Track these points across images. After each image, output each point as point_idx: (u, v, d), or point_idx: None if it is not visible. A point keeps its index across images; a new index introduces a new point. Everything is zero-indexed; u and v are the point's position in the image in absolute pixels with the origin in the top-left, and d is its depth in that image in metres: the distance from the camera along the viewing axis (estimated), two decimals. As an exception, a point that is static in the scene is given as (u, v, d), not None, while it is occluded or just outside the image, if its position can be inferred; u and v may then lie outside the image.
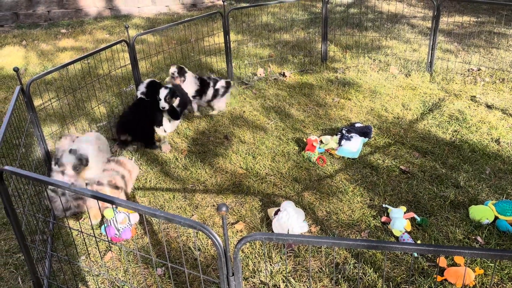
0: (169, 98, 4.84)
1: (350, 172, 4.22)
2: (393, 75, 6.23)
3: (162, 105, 4.82)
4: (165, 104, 4.82)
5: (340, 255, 3.24)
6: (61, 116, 5.33)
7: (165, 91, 4.84)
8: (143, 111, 4.85)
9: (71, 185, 2.36)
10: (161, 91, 4.84)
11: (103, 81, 6.31)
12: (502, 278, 2.97)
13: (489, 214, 3.46)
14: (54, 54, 7.90)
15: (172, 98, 4.88)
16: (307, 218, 3.65)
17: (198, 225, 1.96)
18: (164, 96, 4.82)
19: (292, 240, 1.91)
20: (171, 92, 4.86)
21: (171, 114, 4.97)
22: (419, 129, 4.88)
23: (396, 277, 3.03)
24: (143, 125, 4.80)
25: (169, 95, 4.83)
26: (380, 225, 3.55)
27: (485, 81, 5.90)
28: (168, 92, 4.84)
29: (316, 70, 6.58)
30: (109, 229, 3.46)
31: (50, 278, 3.12)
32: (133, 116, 4.79)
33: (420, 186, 3.94)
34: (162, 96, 4.82)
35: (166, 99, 4.82)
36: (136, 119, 4.77)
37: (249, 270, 3.15)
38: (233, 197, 3.99)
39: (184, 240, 3.50)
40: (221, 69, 6.61)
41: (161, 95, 4.82)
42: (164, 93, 4.83)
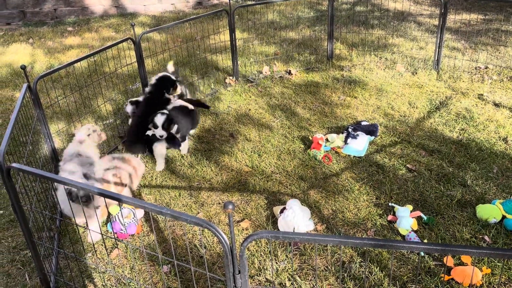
0: (167, 125, 4.31)
1: (356, 171, 4.21)
2: (400, 73, 6.20)
3: (159, 134, 4.30)
4: (162, 132, 4.29)
5: (346, 254, 3.23)
6: (67, 114, 5.35)
7: (162, 118, 4.29)
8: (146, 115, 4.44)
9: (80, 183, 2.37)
10: (157, 118, 4.29)
11: (109, 79, 6.33)
12: (509, 278, 2.95)
13: (496, 213, 3.44)
14: (61, 52, 7.93)
15: (170, 125, 4.35)
16: (313, 216, 3.64)
17: (204, 223, 1.96)
18: (161, 124, 4.28)
19: (298, 238, 1.91)
20: (168, 119, 4.33)
21: (170, 142, 4.44)
22: (426, 127, 4.86)
23: (402, 276, 3.02)
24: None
25: (166, 122, 4.29)
26: (386, 223, 3.53)
27: (493, 79, 5.85)
28: (165, 119, 4.29)
29: (322, 68, 6.56)
30: (114, 224, 3.48)
31: (57, 275, 3.14)
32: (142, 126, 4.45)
33: (427, 185, 3.92)
34: (159, 123, 4.27)
35: (164, 127, 4.29)
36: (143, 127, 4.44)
37: (254, 268, 3.15)
38: (238, 195, 3.99)
39: (190, 237, 3.51)
40: (227, 67, 6.60)
41: (157, 122, 4.28)
42: (161, 120, 4.28)
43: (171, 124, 4.35)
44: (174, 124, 4.40)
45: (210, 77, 6.43)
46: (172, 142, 4.44)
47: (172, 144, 4.46)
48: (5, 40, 8.71)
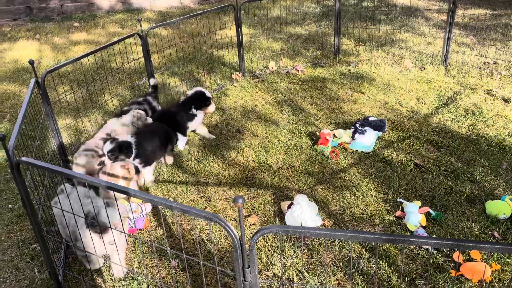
0: (114, 156, 3.91)
1: (364, 166, 4.19)
2: (407, 69, 6.15)
3: (106, 162, 3.90)
4: (108, 161, 3.88)
5: (354, 249, 3.22)
6: (75, 109, 5.37)
7: (109, 146, 3.89)
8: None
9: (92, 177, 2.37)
10: (105, 146, 3.92)
11: (116, 74, 6.34)
12: (519, 274, 2.93)
13: (506, 209, 3.41)
14: (67, 47, 7.95)
15: (119, 155, 3.92)
16: (320, 212, 3.63)
17: (214, 217, 1.96)
18: (107, 151, 3.89)
19: (308, 233, 1.90)
20: (118, 147, 3.90)
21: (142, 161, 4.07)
22: (434, 123, 4.82)
23: (411, 272, 3.00)
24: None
25: (113, 152, 3.89)
26: (395, 219, 3.52)
27: (502, 75, 5.79)
28: (113, 147, 3.88)
29: (328, 64, 6.52)
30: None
31: (66, 269, 3.15)
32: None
33: (435, 181, 3.90)
34: (105, 150, 3.90)
35: (109, 156, 3.90)
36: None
37: (262, 263, 3.14)
38: (245, 190, 3.98)
39: (198, 232, 3.51)
40: (233, 62, 6.58)
41: (104, 149, 3.91)
42: (108, 147, 3.89)
43: (121, 153, 3.92)
44: (126, 153, 3.94)
45: (217, 73, 6.42)
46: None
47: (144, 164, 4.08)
48: (12, 36, 8.74)
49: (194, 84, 6.05)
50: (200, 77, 6.26)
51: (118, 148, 3.90)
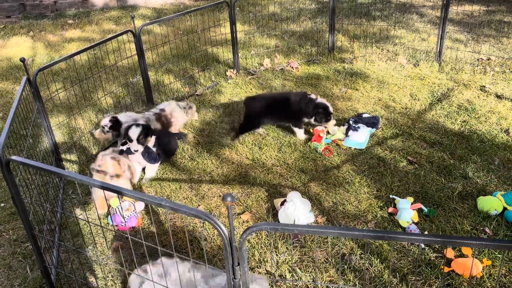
0: (143, 138, 4.00)
1: (357, 163, 4.20)
2: (401, 65, 6.16)
3: (134, 148, 3.96)
4: (137, 146, 3.96)
5: (346, 246, 3.23)
6: (68, 107, 5.35)
7: (137, 130, 3.97)
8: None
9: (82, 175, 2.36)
10: (132, 131, 3.96)
11: (110, 71, 6.31)
12: (510, 269, 2.95)
13: (497, 205, 3.43)
14: (61, 44, 7.91)
15: (146, 138, 4.03)
16: (313, 208, 3.64)
17: (204, 215, 1.96)
18: (136, 137, 3.95)
19: (297, 230, 1.90)
20: (144, 131, 4.01)
21: (145, 155, 4.06)
22: (427, 119, 4.83)
23: (402, 268, 3.01)
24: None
25: (142, 135, 3.98)
26: (387, 216, 3.53)
27: (495, 71, 5.81)
28: (140, 131, 3.98)
29: (323, 61, 6.52)
30: (114, 217, 3.49)
31: (58, 267, 3.15)
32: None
33: (428, 177, 3.91)
34: (133, 136, 3.94)
35: (139, 140, 3.97)
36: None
37: (255, 260, 3.15)
38: (239, 187, 3.98)
39: (191, 230, 3.52)
40: (228, 59, 6.57)
41: (132, 135, 3.95)
42: (136, 132, 3.96)
43: (147, 137, 4.03)
44: (151, 137, 4.08)
45: (211, 70, 6.41)
46: (148, 155, 4.07)
47: (147, 158, 4.07)
48: (6, 33, 8.69)
49: (188, 81, 6.03)
50: (195, 74, 6.24)
51: (145, 133, 3.99)
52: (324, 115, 4.56)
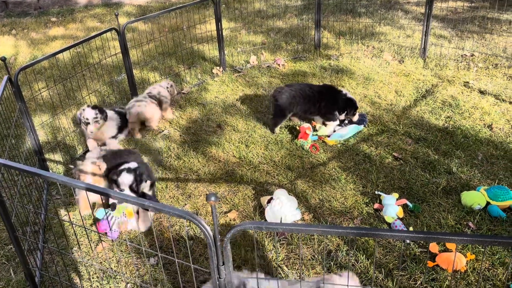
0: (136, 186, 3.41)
1: (343, 160, 4.22)
2: (387, 62, 6.20)
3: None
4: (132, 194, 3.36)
5: (333, 242, 3.25)
6: (51, 106, 5.27)
7: (130, 178, 3.38)
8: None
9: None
10: (122, 177, 3.38)
11: (94, 70, 6.24)
12: (493, 263, 2.99)
13: (480, 199, 3.48)
14: (44, 43, 7.79)
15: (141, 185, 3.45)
16: (300, 206, 3.65)
17: (187, 215, 1.95)
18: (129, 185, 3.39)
19: (281, 228, 1.90)
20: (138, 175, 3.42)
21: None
22: (412, 115, 4.87)
23: (388, 263, 3.04)
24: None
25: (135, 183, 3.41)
26: (373, 212, 3.55)
27: (478, 67, 5.88)
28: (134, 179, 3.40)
29: (309, 57, 6.53)
30: (103, 222, 3.41)
31: (42, 270, 3.11)
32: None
33: (413, 173, 3.95)
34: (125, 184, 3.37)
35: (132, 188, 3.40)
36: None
37: (241, 259, 3.15)
38: (226, 186, 3.97)
39: (177, 229, 3.50)
40: (214, 57, 6.54)
41: (123, 183, 3.37)
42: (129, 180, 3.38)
43: (142, 183, 3.46)
44: (146, 182, 3.50)
45: (197, 67, 6.37)
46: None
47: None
48: (-13, 31, 8.53)
49: (174, 79, 5.99)
50: (181, 72, 6.20)
51: (139, 178, 3.43)
52: (354, 109, 4.62)
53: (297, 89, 4.68)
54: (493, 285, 2.84)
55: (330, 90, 4.68)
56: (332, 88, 4.72)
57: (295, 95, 4.62)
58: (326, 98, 4.61)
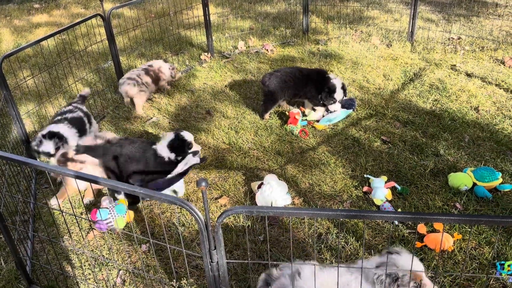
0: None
1: (332, 144, 4.25)
2: (375, 46, 6.20)
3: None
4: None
5: (323, 226, 3.29)
6: (37, 95, 5.19)
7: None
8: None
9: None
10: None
11: (80, 57, 6.14)
12: (479, 243, 3.06)
13: (467, 180, 3.54)
14: (28, 30, 7.63)
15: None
16: (290, 190, 3.67)
17: (178, 201, 1.95)
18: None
19: (272, 212, 1.92)
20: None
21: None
22: (400, 99, 4.91)
23: (377, 245, 3.09)
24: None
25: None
26: (362, 195, 3.60)
27: (465, 50, 5.92)
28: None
29: (298, 43, 6.50)
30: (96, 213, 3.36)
31: (33, 259, 3.10)
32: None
33: (401, 156, 3.99)
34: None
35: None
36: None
37: (232, 243, 3.17)
38: (216, 172, 3.98)
39: (169, 216, 3.50)
40: (201, 42, 6.48)
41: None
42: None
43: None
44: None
45: (185, 54, 6.31)
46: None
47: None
48: (-32, 19, 8.32)
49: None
50: (168, 59, 6.13)
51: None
52: (328, 96, 4.51)
53: (287, 73, 4.67)
54: (479, 264, 2.91)
55: (317, 74, 4.67)
56: (320, 72, 4.71)
57: (285, 79, 4.61)
58: (313, 82, 4.60)
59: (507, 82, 5.08)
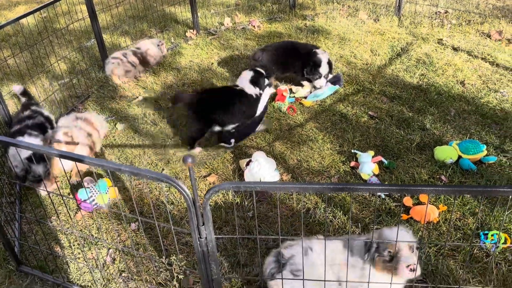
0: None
1: (320, 120, 4.25)
2: (362, 21, 6.15)
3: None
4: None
5: (311, 201, 3.32)
6: (19, 75, 5.07)
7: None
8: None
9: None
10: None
11: (61, 35, 5.98)
12: (464, 214, 3.13)
13: (453, 153, 3.58)
14: (7, 8, 7.40)
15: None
16: (278, 167, 3.68)
17: (164, 178, 1.94)
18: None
19: (260, 187, 1.92)
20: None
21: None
22: (387, 74, 4.90)
23: (364, 218, 3.14)
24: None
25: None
26: (349, 170, 3.63)
27: (452, 24, 5.91)
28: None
29: (285, 18, 6.42)
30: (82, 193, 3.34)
31: (21, 239, 3.09)
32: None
33: (388, 131, 4.02)
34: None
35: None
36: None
37: (222, 220, 3.19)
38: (204, 150, 3.96)
39: (157, 195, 3.50)
40: (186, 19, 6.35)
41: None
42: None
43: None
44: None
45: (170, 31, 6.19)
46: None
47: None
48: None
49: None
50: (153, 36, 6.01)
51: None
52: (312, 70, 4.51)
53: (277, 48, 4.63)
54: (463, 234, 2.97)
55: (305, 49, 4.63)
56: (307, 47, 4.67)
57: (276, 53, 4.58)
58: (302, 57, 4.56)
59: (493, 55, 5.10)
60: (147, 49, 5.22)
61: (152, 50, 5.27)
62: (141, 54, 5.17)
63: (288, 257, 2.34)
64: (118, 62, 4.96)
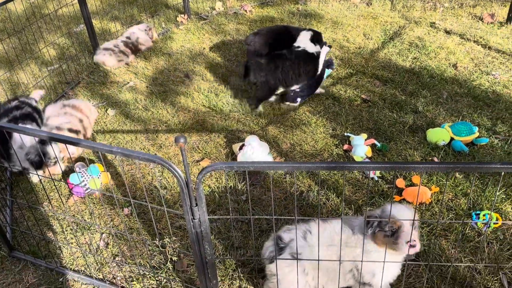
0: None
1: (313, 104, 4.23)
2: (355, 5, 6.11)
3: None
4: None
5: (304, 184, 3.32)
6: (7, 61, 4.99)
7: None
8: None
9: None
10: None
11: (50, 21, 5.88)
12: (456, 194, 3.15)
13: (445, 136, 3.60)
14: (-7, -6, 7.23)
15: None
16: (271, 151, 3.67)
17: (157, 159, 1.92)
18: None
19: (253, 167, 1.91)
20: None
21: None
22: (380, 58, 4.89)
23: (357, 200, 3.15)
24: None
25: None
26: (342, 153, 3.63)
27: (444, 7, 5.89)
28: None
29: (277, 2, 6.35)
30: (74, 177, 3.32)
31: (13, 225, 3.06)
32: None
33: (381, 114, 4.02)
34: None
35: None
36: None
37: (215, 203, 3.19)
38: (197, 135, 3.94)
39: (150, 180, 3.48)
40: (177, 4, 6.27)
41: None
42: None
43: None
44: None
45: (160, 16, 6.11)
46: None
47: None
48: None
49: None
50: (143, 21, 5.93)
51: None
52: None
53: (271, 32, 4.59)
54: (455, 214, 3.00)
55: (295, 30, 4.57)
56: (300, 30, 4.62)
57: (271, 37, 4.53)
58: (290, 38, 4.51)
59: (485, 38, 5.10)
60: (137, 38, 5.23)
61: (142, 37, 5.28)
62: (132, 43, 5.18)
63: (287, 241, 2.35)
64: (110, 53, 4.95)
